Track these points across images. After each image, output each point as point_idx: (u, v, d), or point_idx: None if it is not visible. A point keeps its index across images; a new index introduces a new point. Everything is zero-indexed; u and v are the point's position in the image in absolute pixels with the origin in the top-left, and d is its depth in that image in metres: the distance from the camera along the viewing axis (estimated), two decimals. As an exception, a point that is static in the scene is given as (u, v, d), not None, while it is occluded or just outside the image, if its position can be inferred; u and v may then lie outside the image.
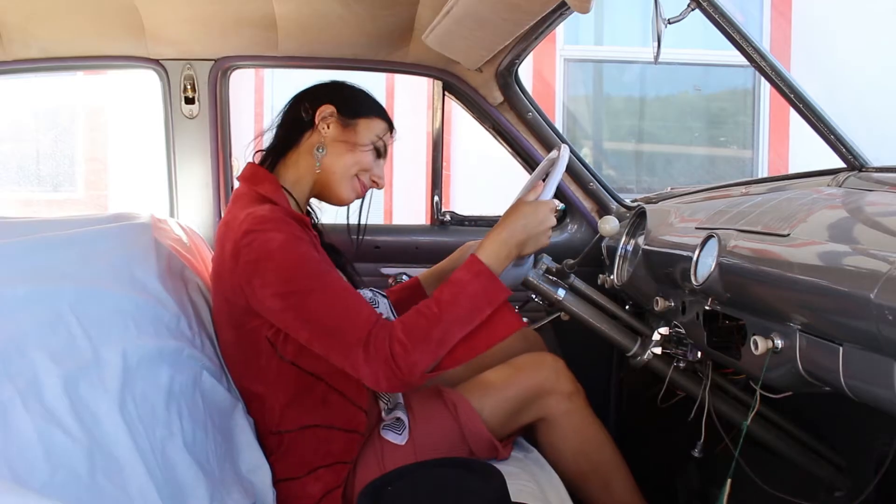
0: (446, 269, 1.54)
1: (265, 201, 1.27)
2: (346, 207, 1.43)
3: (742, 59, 1.24)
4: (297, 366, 1.26)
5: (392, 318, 1.41)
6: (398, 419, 1.36)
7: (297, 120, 1.36)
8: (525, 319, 1.72)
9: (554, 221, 1.28)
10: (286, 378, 1.26)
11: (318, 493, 1.27)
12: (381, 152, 1.39)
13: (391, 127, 1.40)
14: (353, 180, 1.36)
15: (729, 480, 1.11)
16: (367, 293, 1.41)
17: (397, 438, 1.33)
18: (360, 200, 1.43)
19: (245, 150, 1.44)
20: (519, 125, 1.90)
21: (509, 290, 1.21)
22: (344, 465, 1.29)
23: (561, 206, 1.34)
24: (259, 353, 1.26)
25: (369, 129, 1.37)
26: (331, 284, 1.18)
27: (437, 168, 2.01)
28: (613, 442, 1.45)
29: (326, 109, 1.34)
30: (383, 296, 1.45)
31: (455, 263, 1.52)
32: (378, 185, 1.41)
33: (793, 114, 1.29)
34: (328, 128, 1.34)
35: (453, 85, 1.87)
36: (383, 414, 1.36)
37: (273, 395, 1.27)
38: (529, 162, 1.93)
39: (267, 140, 1.41)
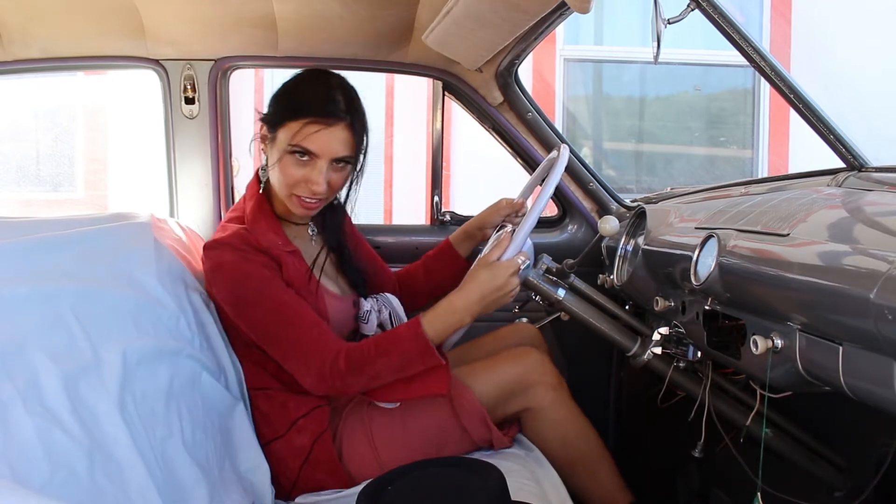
0: (474, 227, 1.63)
1: (242, 223, 1.36)
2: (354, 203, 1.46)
3: (742, 59, 1.24)
4: (261, 350, 1.34)
5: (396, 314, 1.49)
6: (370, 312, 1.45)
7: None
8: (524, 320, 1.74)
9: (516, 283, 1.28)
10: (254, 353, 1.36)
11: (307, 443, 1.33)
12: (302, 152, 1.29)
13: (313, 116, 1.28)
14: (288, 198, 1.34)
15: (758, 494, 1.12)
16: (365, 304, 1.47)
17: (387, 404, 1.34)
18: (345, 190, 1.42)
19: (249, 146, 1.45)
20: (519, 125, 1.90)
21: (440, 359, 1.27)
22: (321, 408, 1.35)
23: (525, 262, 1.31)
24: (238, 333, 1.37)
25: (284, 136, 1.30)
26: (283, 304, 1.28)
27: (437, 168, 2.01)
28: (597, 433, 1.46)
29: (260, 129, 1.37)
30: (387, 297, 1.50)
31: (483, 221, 1.62)
32: (314, 193, 1.32)
33: (793, 114, 1.29)
34: (265, 147, 1.37)
35: (453, 85, 1.87)
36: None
37: (243, 356, 1.38)
38: (529, 162, 1.93)
39: None
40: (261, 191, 1.39)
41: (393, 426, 1.35)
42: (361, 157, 1.38)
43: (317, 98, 1.30)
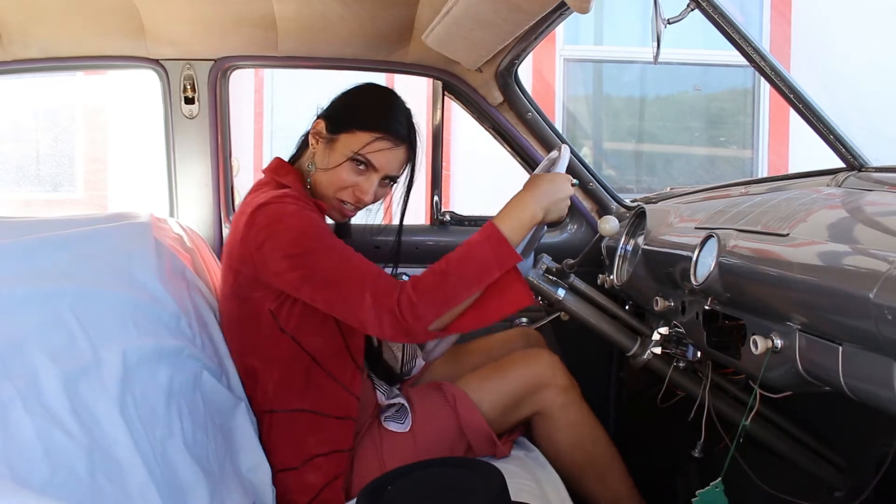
0: None
1: (284, 188, 1.29)
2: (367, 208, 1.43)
3: (742, 59, 1.24)
4: (296, 341, 1.28)
5: None
6: (401, 407, 1.38)
7: (307, 132, 1.37)
8: (525, 319, 1.74)
9: (571, 191, 1.28)
10: (283, 354, 1.29)
11: (318, 483, 1.29)
12: (364, 164, 1.29)
13: (384, 133, 1.29)
14: (330, 200, 1.33)
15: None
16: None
17: (399, 427, 1.34)
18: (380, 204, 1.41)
19: (270, 143, 1.44)
20: (519, 125, 1.90)
21: (520, 256, 1.21)
22: (341, 453, 1.31)
23: (575, 181, 1.33)
24: (260, 326, 1.29)
25: (348, 144, 1.29)
26: (338, 245, 1.21)
27: (437, 168, 2.01)
28: (608, 436, 1.46)
29: (318, 125, 1.34)
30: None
31: None
32: (360, 201, 1.32)
33: (793, 114, 1.29)
34: (317, 143, 1.33)
35: (453, 85, 1.87)
36: (383, 399, 1.37)
37: (268, 370, 1.30)
38: (529, 162, 1.93)
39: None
40: (307, 186, 1.34)
41: (405, 449, 1.34)
42: (406, 174, 1.38)
43: (390, 117, 1.31)
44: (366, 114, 1.32)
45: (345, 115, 1.33)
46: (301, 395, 1.30)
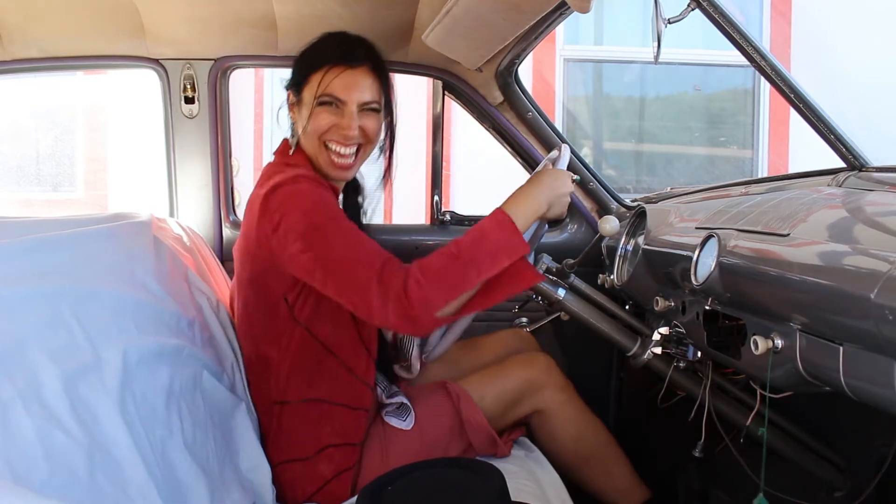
0: None
1: (295, 168, 1.28)
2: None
3: (742, 59, 1.24)
4: (309, 331, 1.28)
5: None
6: (402, 405, 1.38)
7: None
8: (525, 319, 1.74)
9: (572, 188, 1.29)
10: (297, 343, 1.28)
11: (328, 474, 1.29)
12: (330, 101, 1.27)
13: (333, 62, 1.27)
14: (320, 154, 1.30)
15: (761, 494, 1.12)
16: None
17: (401, 424, 1.35)
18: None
19: (270, 143, 1.44)
20: (519, 125, 1.90)
21: (528, 247, 1.20)
22: (353, 447, 1.31)
23: (577, 177, 1.33)
24: (275, 315, 1.28)
25: (310, 92, 1.28)
26: (348, 225, 1.20)
27: (437, 168, 2.01)
28: (608, 430, 1.47)
29: (289, 97, 1.34)
30: None
31: None
32: (346, 138, 1.28)
33: (793, 114, 1.29)
34: (294, 114, 1.33)
35: (453, 85, 1.87)
36: (383, 397, 1.38)
37: (282, 359, 1.29)
38: (529, 162, 1.93)
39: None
40: (291, 154, 1.33)
41: (410, 446, 1.34)
42: (393, 107, 1.35)
43: (335, 47, 1.30)
44: (314, 56, 1.31)
45: (299, 72, 1.32)
46: (315, 385, 1.29)
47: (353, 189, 1.44)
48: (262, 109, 4.72)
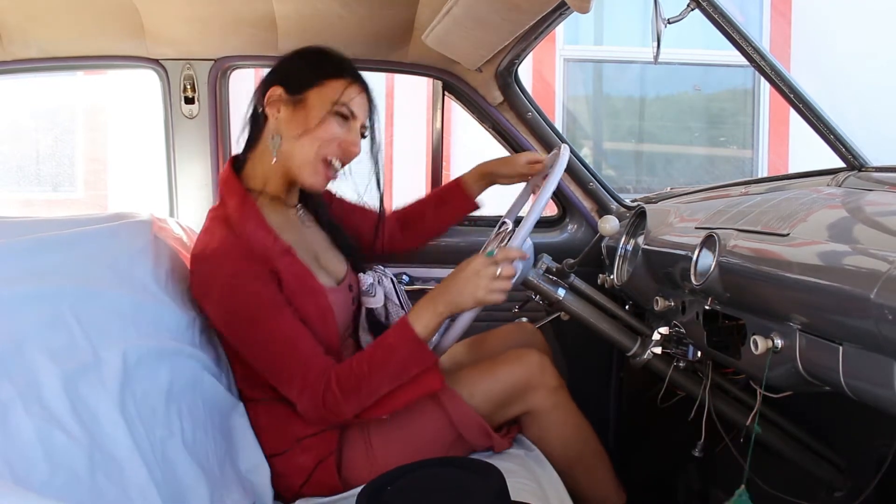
0: (488, 171, 1.62)
1: (228, 227, 1.26)
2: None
3: (742, 59, 1.24)
4: None
5: (396, 296, 1.48)
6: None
7: (254, 113, 1.33)
8: (525, 319, 1.74)
9: (493, 272, 1.20)
10: None
11: (310, 464, 1.30)
12: (346, 115, 1.26)
13: (353, 77, 1.26)
14: (315, 164, 1.27)
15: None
16: (367, 278, 1.45)
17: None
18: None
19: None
20: (519, 125, 1.90)
21: (435, 356, 1.25)
22: (329, 431, 1.31)
23: (524, 257, 1.28)
24: None
25: (321, 96, 1.25)
26: (275, 326, 1.21)
27: (437, 168, 2.01)
28: (595, 433, 1.46)
29: (274, 93, 1.28)
30: (387, 277, 1.49)
31: (497, 169, 1.61)
32: (348, 154, 1.28)
33: (793, 114, 1.29)
34: (279, 112, 1.28)
35: (453, 85, 1.87)
36: None
37: (243, 360, 1.30)
38: (529, 162, 1.93)
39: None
40: (273, 161, 1.30)
41: (391, 436, 1.33)
42: (377, 131, 1.36)
43: (350, 65, 1.29)
44: (328, 62, 1.29)
45: (306, 70, 1.29)
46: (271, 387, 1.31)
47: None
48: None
